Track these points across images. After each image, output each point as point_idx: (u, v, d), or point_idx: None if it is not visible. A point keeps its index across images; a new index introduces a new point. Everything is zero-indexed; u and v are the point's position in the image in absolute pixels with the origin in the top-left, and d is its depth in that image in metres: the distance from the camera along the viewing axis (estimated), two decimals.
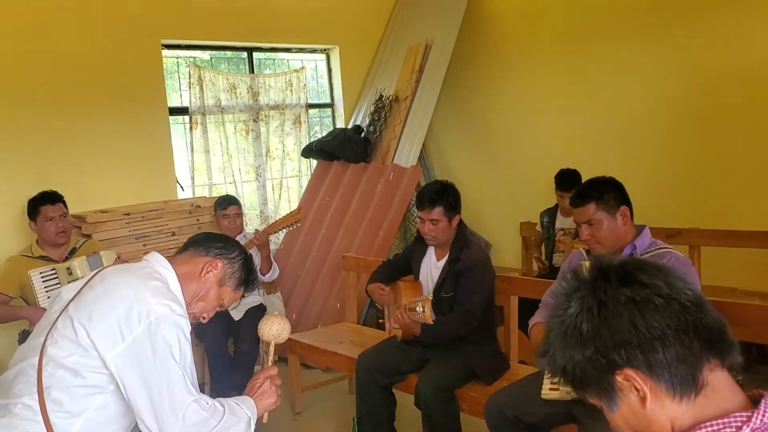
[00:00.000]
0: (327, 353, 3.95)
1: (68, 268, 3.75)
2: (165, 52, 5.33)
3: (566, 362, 1.06)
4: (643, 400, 1.03)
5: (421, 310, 2.83)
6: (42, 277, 3.80)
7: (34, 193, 4.06)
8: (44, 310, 2.09)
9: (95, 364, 1.70)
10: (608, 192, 2.65)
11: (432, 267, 3.35)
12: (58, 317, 1.79)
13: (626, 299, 1.02)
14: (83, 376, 1.70)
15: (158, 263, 1.90)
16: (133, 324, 1.70)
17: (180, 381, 1.72)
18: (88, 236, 4.35)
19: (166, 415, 1.69)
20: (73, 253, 3.97)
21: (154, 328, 1.70)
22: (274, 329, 2.05)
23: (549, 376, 2.00)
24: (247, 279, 2.04)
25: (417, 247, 3.45)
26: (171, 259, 1.97)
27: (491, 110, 5.94)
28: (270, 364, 2.03)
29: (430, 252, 3.39)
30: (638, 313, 1.01)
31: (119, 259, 3.82)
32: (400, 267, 3.55)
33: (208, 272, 1.94)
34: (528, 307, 3.78)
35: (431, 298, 2.82)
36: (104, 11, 4.89)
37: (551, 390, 2.63)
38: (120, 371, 1.69)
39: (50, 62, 4.70)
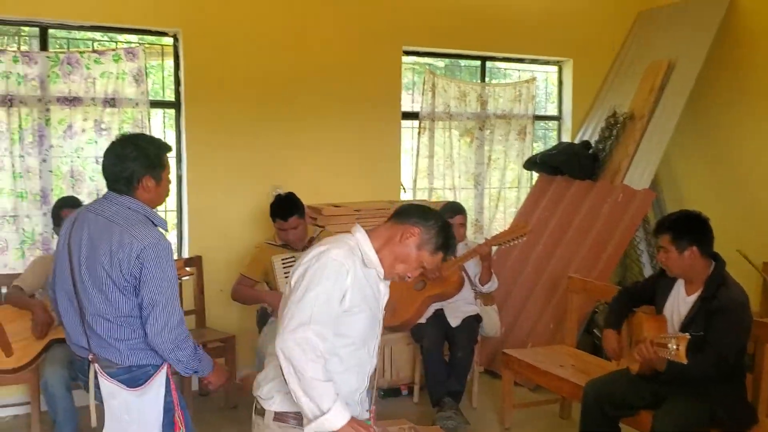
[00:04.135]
0: (547, 375, 3.84)
1: None
2: (404, 59, 5.49)
3: None
4: None
5: (674, 347, 2.63)
6: (283, 264, 4.07)
7: (278, 183, 4.35)
8: (282, 295, 2.30)
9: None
10: None
11: (680, 301, 3.14)
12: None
13: None
14: None
15: (357, 231, 2.20)
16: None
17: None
18: (323, 227, 4.59)
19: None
20: (311, 242, 4.19)
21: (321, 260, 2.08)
22: None
23: None
24: (445, 244, 2.22)
25: (664, 278, 3.26)
26: (375, 228, 2.24)
27: (740, 136, 5.42)
28: None
29: (679, 285, 3.18)
30: None
31: None
32: (641, 296, 3.37)
33: (407, 239, 2.16)
34: None
35: (688, 337, 2.62)
36: (350, 18, 5.14)
37: None
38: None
39: (296, 65, 5.00)
